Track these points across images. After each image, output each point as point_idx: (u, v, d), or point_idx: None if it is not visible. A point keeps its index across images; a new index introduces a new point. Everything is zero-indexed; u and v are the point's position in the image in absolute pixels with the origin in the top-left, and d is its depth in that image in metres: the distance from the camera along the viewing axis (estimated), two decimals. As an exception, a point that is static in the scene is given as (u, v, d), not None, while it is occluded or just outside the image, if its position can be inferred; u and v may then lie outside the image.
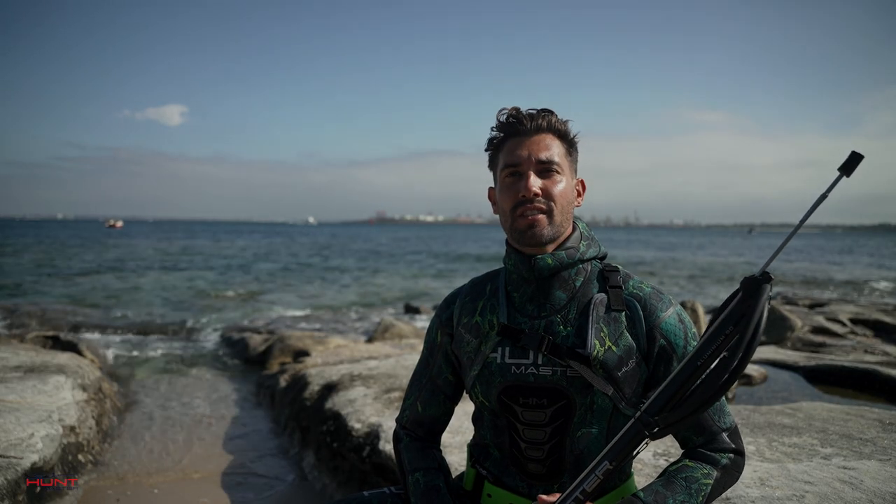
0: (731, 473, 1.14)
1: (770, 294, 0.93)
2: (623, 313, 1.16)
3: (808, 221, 0.94)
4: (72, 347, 5.92)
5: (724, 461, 1.13)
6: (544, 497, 1.06)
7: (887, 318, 7.17)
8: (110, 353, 6.85)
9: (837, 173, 0.90)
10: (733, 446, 1.15)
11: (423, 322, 9.79)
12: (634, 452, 1.00)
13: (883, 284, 18.97)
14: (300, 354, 5.97)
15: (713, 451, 1.14)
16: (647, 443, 1.00)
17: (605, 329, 1.15)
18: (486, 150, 1.26)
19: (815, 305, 9.39)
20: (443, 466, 1.29)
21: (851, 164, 0.89)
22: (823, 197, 0.90)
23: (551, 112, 1.20)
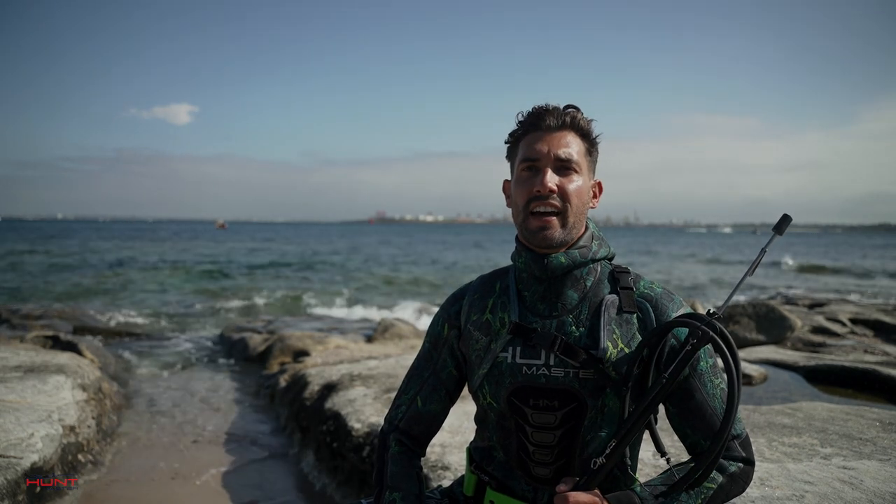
0: (738, 482, 1.10)
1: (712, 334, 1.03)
2: (635, 315, 1.14)
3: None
4: (72, 347, 5.91)
5: (733, 469, 1.10)
6: (563, 487, 1.07)
7: (887, 318, 7.16)
8: (110, 353, 6.85)
9: (773, 232, 1.13)
10: (743, 455, 1.11)
11: (423, 323, 9.78)
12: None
13: None
14: (300, 354, 5.97)
15: (722, 458, 1.11)
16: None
17: (617, 331, 1.13)
18: (505, 143, 1.24)
19: (814, 305, 9.39)
20: (421, 487, 1.24)
21: (782, 224, 1.11)
22: (763, 252, 1.10)
23: (577, 109, 1.17)
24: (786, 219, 1.11)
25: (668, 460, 1.10)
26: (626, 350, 1.12)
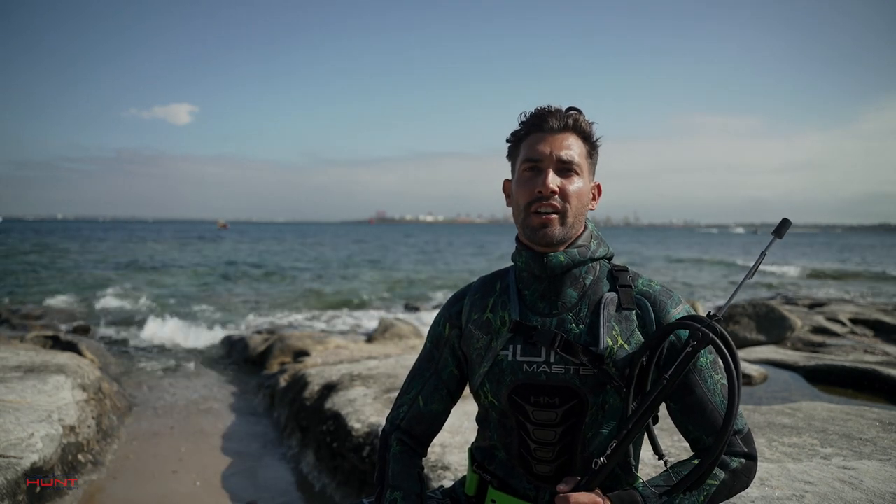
0: (741, 478, 1.10)
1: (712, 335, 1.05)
2: (634, 312, 1.16)
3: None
4: (72, 347, 5.92)
5: (735, 465, 1.10)
6: (563, 487, 1.08)
7: (887, 318, 7.16)
8: (110, 353, 6.85)
9: (772, 236, 1.14)
10: (745, 450, 1.11)
11: (423, 322, 9.78)
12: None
13: None
14: (300, 354, 5.97)
15: (724, 454, 1.11)
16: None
17: (616, 327, 1.14)
18: (507, 141, 1.25)
19: (814, 305, 9.39)
20: (422, 486, 1.25)
21: (782, 228, 1.12)
22: (763, 255, 1.11)
23: (578, 111, 1.19)
24: (785, 223, 1.13)
25: (665, 462, 1.10)
26: (626, 346, 1.13)
